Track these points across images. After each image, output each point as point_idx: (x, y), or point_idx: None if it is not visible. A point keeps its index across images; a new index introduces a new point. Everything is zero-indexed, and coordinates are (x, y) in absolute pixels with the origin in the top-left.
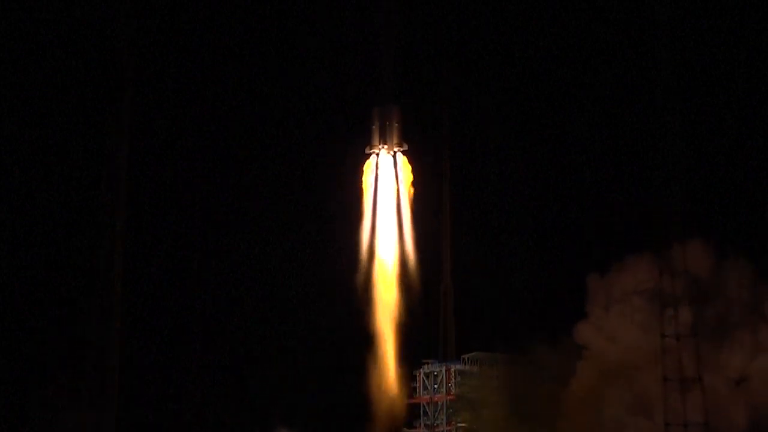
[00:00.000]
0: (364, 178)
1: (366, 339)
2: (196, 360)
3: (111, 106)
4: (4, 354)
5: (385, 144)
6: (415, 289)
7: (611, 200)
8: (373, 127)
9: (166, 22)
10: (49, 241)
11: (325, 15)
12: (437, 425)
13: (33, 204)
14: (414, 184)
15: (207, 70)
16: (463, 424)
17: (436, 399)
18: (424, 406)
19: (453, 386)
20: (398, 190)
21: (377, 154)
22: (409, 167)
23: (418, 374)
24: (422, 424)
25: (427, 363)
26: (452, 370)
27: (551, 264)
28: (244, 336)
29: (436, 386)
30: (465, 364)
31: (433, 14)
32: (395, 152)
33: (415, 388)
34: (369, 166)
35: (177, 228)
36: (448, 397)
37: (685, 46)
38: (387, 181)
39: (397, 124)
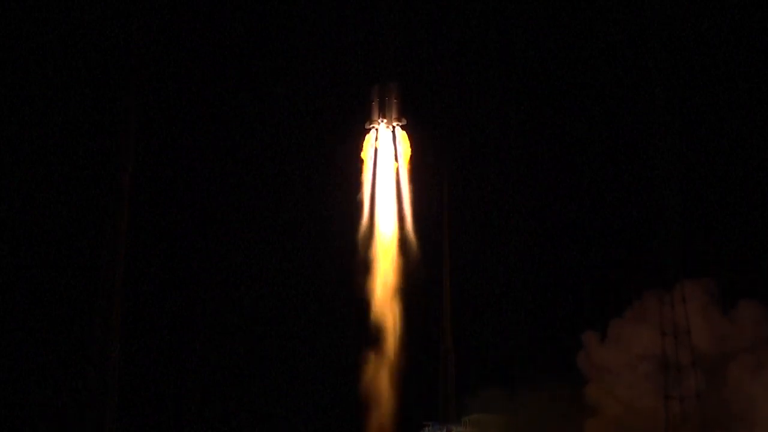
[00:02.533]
0: (364, 151)
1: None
2: (196, 359)
3: (113, 105)
4: (4, 354)
5: (384, 119)
6: (415, 259)
7: (608, 239)
8: (373, 103)
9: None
10: (50, 241)
11: None
12: None
13: (34, 203)
14: (412, 155)
15: (205, 53)
16: None
17: None
18: None
19: None
20: (397, 161)
21: (377, 129)
22: (408, 140)
23: None
24: None
25: (427, 425)
26: None
27: (548, 299)
28: (243, 336)
29: None
30: (465, 426)
31: None
32: (394, 126)
33: None
34: (369, 140)
35: (175, 213)
36: None
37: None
38: (386, 153)
39: (395, 100)
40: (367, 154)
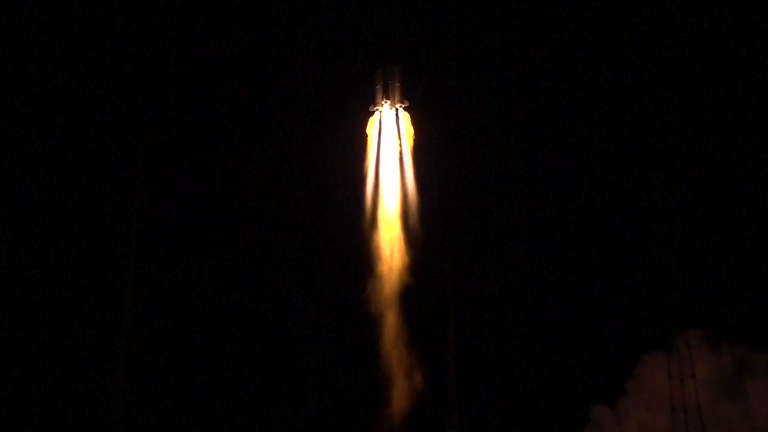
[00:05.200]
0: (368, 132)
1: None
2: (197, 359)
3: (118, 106)
4: (6, 354)
5: (388, 101)
6: (419, 238)
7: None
8: (377, 87)
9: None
10: (56, 241)
11: None
12: None
13: (38, 203)
14: (415, 134)
15: (207, 45)
16: None
17: None
18: None
19: None
20: (400, 140)
21: (380, 111)
22: (410, 121)
23: None
24: None
25: None
26: None
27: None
28: (244, 335)
29: None
30: None
31: None
32: (397, 108)
33: None
34: (373, 122)
35: (178, 207)
36: None
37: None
38: (389, 133)
39: (398, 84)
40: (371, 134)
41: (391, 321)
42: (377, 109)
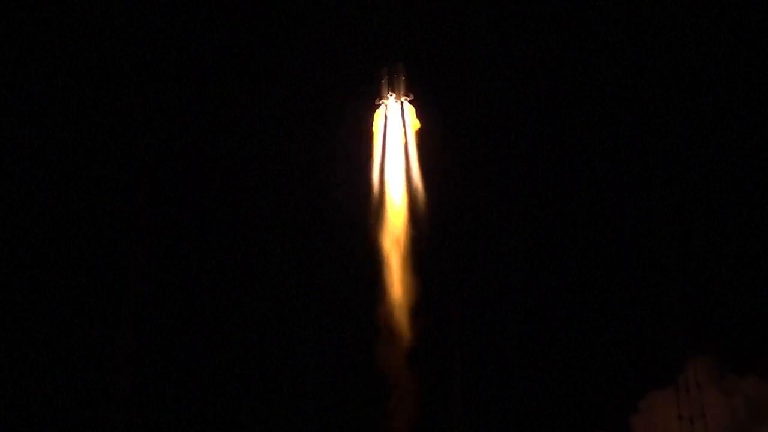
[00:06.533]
0: (374, 124)
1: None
2: (197, 359)
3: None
4: (6, 354)
5: (393, 94)
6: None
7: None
8: (382, 82)
9: None
10: (55, 240)
11: None
12: None
13: (39, 203)
14: (420, 126)
15: (210, 40)
16: None
17: None
18: None
19: None
20: (405, 131)
21: (386, 105)
22: (415, 113)
23: None
24: None
25: None
26: None
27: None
28: (245, 334)
29: None
30: None
31: None
32: (402, 101)
33: None
34: (379, 115)
35: (179, 204)
36: None
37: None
38: (395, 124)
39: (403, 78)
40: (377, 126)
41: (393, 319)
42: (383, 103)
